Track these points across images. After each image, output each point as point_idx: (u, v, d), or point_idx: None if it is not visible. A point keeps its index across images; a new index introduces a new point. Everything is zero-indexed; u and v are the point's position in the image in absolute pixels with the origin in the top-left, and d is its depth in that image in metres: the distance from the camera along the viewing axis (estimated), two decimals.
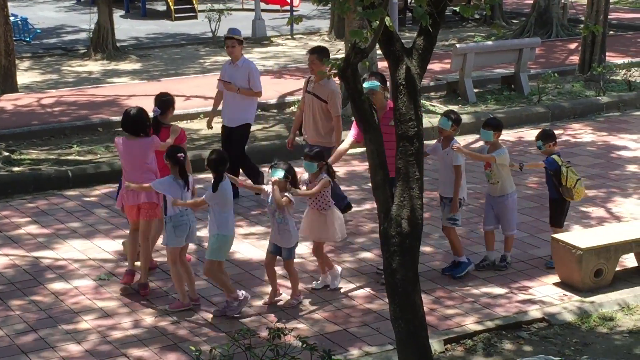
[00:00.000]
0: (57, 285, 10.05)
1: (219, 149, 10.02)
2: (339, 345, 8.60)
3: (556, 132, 15.96)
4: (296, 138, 12.28)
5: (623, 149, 15.10)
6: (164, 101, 10.43)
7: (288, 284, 9.63)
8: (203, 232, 10.78)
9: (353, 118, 10.29)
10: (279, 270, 9.72)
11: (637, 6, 32.66)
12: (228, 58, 12.82)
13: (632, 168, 14.03)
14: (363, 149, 12.43)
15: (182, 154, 9.24)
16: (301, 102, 11.80)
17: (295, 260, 9.66)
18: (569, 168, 10.26)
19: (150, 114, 10.08)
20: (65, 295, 9.78)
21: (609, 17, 20.59)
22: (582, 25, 22.20)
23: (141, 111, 9.75)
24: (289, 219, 9.32)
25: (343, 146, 10.61)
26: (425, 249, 10.59)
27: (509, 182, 10.29)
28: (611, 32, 25.17)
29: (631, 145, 15.29)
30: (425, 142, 7.66)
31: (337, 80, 11.02)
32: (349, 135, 10.56)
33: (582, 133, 16.26)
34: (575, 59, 21.35)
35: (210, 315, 9.24)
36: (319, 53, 11.10)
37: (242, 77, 12.51)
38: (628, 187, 13.15)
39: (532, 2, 27.51)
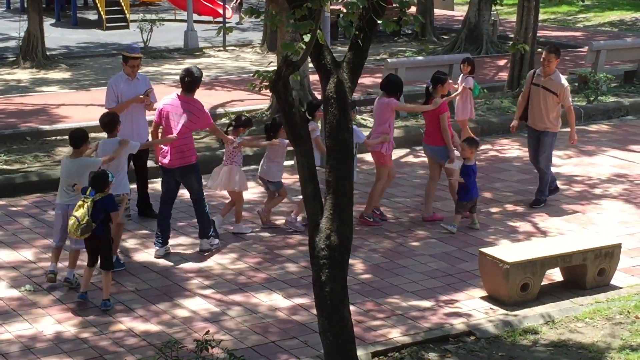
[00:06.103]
0: None
1: None
2: (267, 358, 8.58)
3: (484, 147, 16.31)
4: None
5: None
6: (435, 78, 12.65)
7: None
8: None
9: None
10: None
11: (564, 24, 33.21)
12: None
13: (557, 183, 14.21)
14: (293, 162, 12.45)
15: None
16: (525, 92, 13.35)
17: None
18: None
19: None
20: None
21: (537, 34, 20.89)
22: (511, 43, 22.46)
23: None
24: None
25: None
26: (354, 262, 10.63)
27: None
28: (539, 49, 25.49)
29: (557, 162, 15.49)
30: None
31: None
32: None
33: (510, 148, 16.47)
34: (504, 75, 21.62)
35: (136, 325, 9.13)
36: (555, 52, 12.97)
37: (145, 89, 12.31)
38: (554, 202, 13.33)
39: (462, 18, 27.80)
